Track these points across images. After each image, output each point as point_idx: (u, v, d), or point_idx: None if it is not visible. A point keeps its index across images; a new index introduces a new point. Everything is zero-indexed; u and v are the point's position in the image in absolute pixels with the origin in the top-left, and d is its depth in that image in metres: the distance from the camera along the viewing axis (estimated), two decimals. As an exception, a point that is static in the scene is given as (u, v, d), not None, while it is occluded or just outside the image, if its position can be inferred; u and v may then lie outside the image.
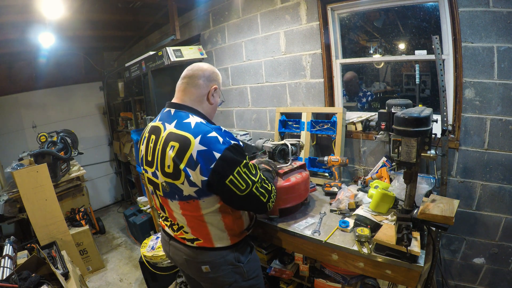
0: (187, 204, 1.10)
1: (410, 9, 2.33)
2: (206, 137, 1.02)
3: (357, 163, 2.21)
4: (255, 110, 2.78)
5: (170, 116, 1.16)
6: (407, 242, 1.12)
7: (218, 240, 1.17)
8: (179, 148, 1.03)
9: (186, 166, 1.02)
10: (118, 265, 3.14)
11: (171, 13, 2.80)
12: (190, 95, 1.19)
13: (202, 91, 1.20)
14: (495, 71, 1.55)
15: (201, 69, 1.21)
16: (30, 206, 2.46)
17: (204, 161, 1.00)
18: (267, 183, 1.15)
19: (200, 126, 1.07)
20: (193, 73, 1.21)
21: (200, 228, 1.14)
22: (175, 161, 1.04)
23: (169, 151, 1.05)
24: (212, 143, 1.01)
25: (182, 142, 1.03)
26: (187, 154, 1.01)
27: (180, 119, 1.11)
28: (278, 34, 2.40)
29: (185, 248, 1.21)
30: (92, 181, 4.61)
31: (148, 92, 3.15)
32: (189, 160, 1.01)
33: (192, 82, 1.19)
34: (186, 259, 1.22)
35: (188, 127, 1.07)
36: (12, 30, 2.93)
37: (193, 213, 1.11)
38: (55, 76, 4.22)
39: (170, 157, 1.05)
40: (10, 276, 1.60)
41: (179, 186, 1.07)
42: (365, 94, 2.76)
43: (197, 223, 1.13)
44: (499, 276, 1.75)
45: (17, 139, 3.98)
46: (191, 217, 1.13)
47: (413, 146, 1.05)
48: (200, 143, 1.01)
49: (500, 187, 1.65)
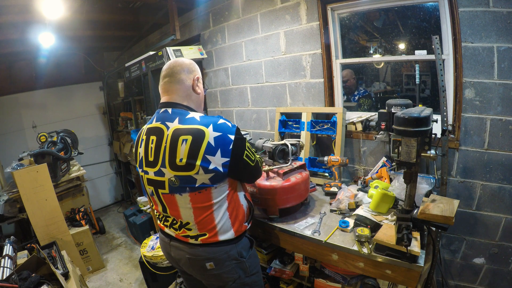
0: (198, 195, 1.13)
1: (410, 9, 2.33)
2: (217, 124, 1.12)
3: (357, 163, 2.21)
4: (255, 110, 2.78)
5: (169, 115, 1.18)
6: (407, 242, 1.12)
7: (223, 232, 1.19)
8: (193, 140, 1.08)
9: (205, 154, 1.08)
10: (118, 265, 3.14)
11: (171, 13, 2.80)
12: (177, 92, 1.22)
13: (186, 85, 1.23)
14: (495, 71, 1.55)
15: (178, 64, 1.24)
16: (30, 206, 2.46)
17: (223, 145, 1.10)
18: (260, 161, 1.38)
19: (206, 118, 1.15)
20: (172, 70, 1.23)
21: (208, 221, 1.17)
22: (191, 152, 1.08)
23: (181, 145, 1.09)
24: (224, 128, 1.12)
25: (195, 134, 1.09)
26: (204, 143, 1.08)
27: (182, 116, 1.16)
28: (278, 34, 2.40)
29: (188, 246, 1.22)
30: (92, 181, 4.61)
31: (148, 92, 3.15)
32: (207, 147, 1.08)
33: (174, 79, 1.22)
34: (189, 258, 1.23)
35: (194, 121, 1.13)
36: (12, 30, 2.93)
37: (203, 204, 1.15)
38: (55, 76, 4.22)
39: (183, 150, 1.09)
40: (10, 276, 1.60)
41: (193, 176, 1.10)
42: (359, 91, 2.77)
43: (205, 215, 1.16)
44: (499, 276, 1.75)
45: (17, 139, 3.99)
46: (199, 209, 1.16)
47: (413, 146, 1.05)
48: (215, 130, 1.10)
49: (500, 187, 1.65)
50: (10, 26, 2.89)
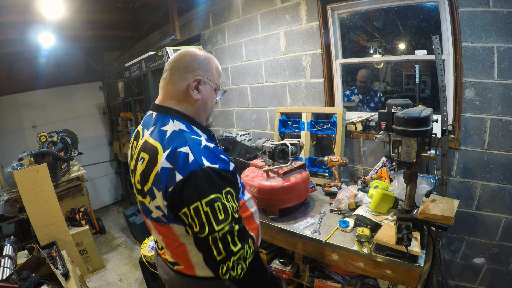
0: (160, 226, 0.92)
1: (410, 9, 2.33)
2: (175, 151, 0.82)
3: (357, 163, 2.21)
4: (255, 110, 2.78)
5: (150, 121, 0.97)
6: (407, 242, 1.12)
7: (201, 268, 0.91)
8: (147, 161, 0.87)
9: (152, 185, 0.85)
10: (118, 265, 3.14)
11: (171, 13, 2.80)
12: (168, 94, 0.98)
13: (178, 87, 0.96)
14: (495, 71, 1.55)
15: (180, 58, 0.98)
16: (30, 206, 2.46)
17: (166, 182, 0.81)
18: (234, 241, 0.81)
19: (176, 137, 0.86)
20: (172, 65, 0.99)
21: (180, 253, 0.94)
22: (142, 177, 0.89)
23: (139, 164, 0.90)
24: (179, 160, 0.80)
25: (151, 155, 0.86)
26: (154, 170, 0.84)
27: (159, 126, 0.92)
28: (278, 34, 2.40)
29: (168, 268, 1.04)
30: (92, 181, 4.61)
31: (148, 92, 3.15)
32: (155, 178, 0.84)
33: (168, 77, 0.98)
34: (166, 279, 1.07)
35: (162, 136, 0.88)
36: (12, 30, 2.93)
37: (169, 237, 0.93)
38: (55, 76, 4.22)
39: (139, 171, 0.90)
40: (10, 276, 1.60)
41: (147, 206, 0.91)
42: (376, 93, 2.75)
43: (175, 247, 0.94)
44: (499, 276, 1.75)
45: (17, 139, 3.99)
46: (168, 240, 0.95)
47: (413, 146, 1.05)
48: (167, 159, 0.82)
49: (500, 187, 1.65)
50: (10, 26, 2.89)
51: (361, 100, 2.66)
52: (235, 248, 0.81)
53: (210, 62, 1.01)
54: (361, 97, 2.65)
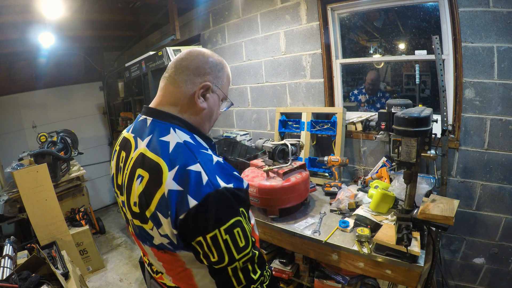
0: (162, 253, 0.79)
1: (410, 9, 2.33)
2: (184, 170, 0.69)
3: (357, 163, 2.21)
4: (255, 110, 2.77)
5: (144, 128, 0.81)
6: (407, 242, 1.12)
7: None
8: (148, 181, 0.72)
9: (156, 210, 0.70)
10: (118, 265, 3.14)
11: (171, 13, 2.80)
12: (169, 97, 0.83)
13: (183, 89, 0.81)
14: (495, 71, 1.55)
15: (189, 57, 0.83)
16: (30, 206, 2.46)
17: (176, 208, 0.67)
18: (255, 268, 0.74)
19: (182, 151, 0.73)
20: (178, 63, 0.83)
21: (184, 278, 0.82)
22: (142, 199, 0.72)
23: (136, 183, 0.74)
24: (190, 182, 0.67)
25: (152, 173, 0.71)
26: (158, 193, 0.69)
27: (157, 135, 0.77)
28: (278, 34, 2.40)
29: None
30: (92, 181, 4.61)
31: (148, 92, 3.15)
32: (160, 202, 0.69)
33: (172, 76, 0.83)
34: None
35: (165, 148, 0.73)
36: (12, 30, 2.93)
37: (172, 263, 0.80)
38: (55, 76, 4.22)
39: (136, 191, 0.74)
40: (10, 276, 1.60)
41: (148, 232, 0.75)
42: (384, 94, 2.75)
43: (179, 272, 0.82)
44: (499, 276, 1.75)
45: (17, 139, 3.99)
46: (170, 266, 0.82)
47: (413, 146, 1.05)
48: (175, 180, 0.68)
49: (500, 187, 1.65)
50: (10, 26, 2.89)
51: (367, 100, 2.66)
52: (255, 276, 0.74)
53: (223, 69, 0.91)
54: (367, 97, 2.65)
